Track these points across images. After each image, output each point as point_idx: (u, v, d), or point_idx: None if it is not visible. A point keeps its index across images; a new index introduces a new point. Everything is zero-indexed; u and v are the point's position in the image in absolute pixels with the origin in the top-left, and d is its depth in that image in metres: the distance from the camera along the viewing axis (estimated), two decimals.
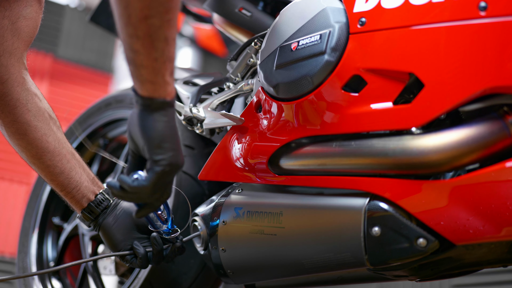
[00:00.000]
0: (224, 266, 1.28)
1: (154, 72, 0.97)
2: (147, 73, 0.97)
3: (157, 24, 0.93)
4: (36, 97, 1.25)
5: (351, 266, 1.09)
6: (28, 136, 1.23)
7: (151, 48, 0.95)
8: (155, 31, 0.93)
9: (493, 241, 0.98)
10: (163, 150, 1.00)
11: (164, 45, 0.95)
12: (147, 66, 0.96)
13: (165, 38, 0.95)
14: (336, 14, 1.10)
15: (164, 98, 1.00)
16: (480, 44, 0.94)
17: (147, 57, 0.95)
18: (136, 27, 0.93)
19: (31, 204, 1.90)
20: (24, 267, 1.80)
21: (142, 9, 0.91)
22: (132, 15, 0.92)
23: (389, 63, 1.03)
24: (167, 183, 1.05)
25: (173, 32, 0.96)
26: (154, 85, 0.99)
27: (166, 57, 0.96)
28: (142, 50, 0.95)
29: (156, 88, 0.99)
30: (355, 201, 1.07)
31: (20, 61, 1.22)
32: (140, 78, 0.98)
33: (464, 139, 0.96)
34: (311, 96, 1.11)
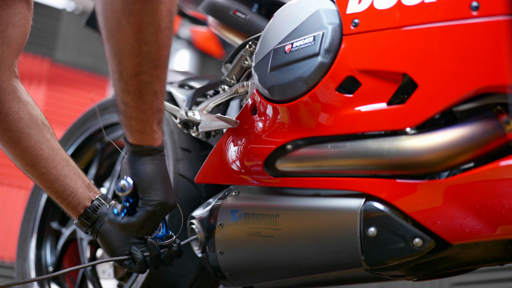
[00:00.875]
0: (222, 268, 1.28)
1: (142, 123, 1.03)
2: (136, 124, 1.03)
3: (147, 79, 0.99)
4: (28, 105, 1.26)
5: (348, 267, 1.09)
6: (22, 144, 1.24)
7: (141, 101, 1.00)
8: (145, 86, 0.99)
9: (489, 240, 0.99)
10: (154, 191, 1.07)
11: (153, 98, 1.01)
12: (136, 118, 1.02)
13: (154, 92, 1.00)
14: (329, 15, 1.10)
15: (151, 145, 1.06)
16: (473, 44, 0.94)
17: (137, 109, 1.01)
18: (127, 83, 0.99)
19: (29, 209, 1.90)
20: (23, 273, 1.80)
21: (134, 67, 0.97)
22: (124, 72, 0.98)
23: (383, 64, 1.03)
24: (157, 221, 1.10)
25: (162, 85, 1.02)
26: (142, 134, 1.05)
27: (154, 109, 1.02)
28: (132, 103, 1.01)
29: (144, 137, 1.05)
30: (351, 202, 1.07)
31: (10, 69, 1.22)
32: (129, 128, 1.04)
33: (459, 138, 0.96)
34: (306, 98, 1.12)
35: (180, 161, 1.49)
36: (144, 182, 1.06)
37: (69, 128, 1.89)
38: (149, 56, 0.96)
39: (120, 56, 0.97)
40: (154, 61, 0.97)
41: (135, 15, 0.93)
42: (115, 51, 0.97)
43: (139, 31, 0.94)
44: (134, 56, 0.96)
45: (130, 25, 0.93)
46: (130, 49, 0.95)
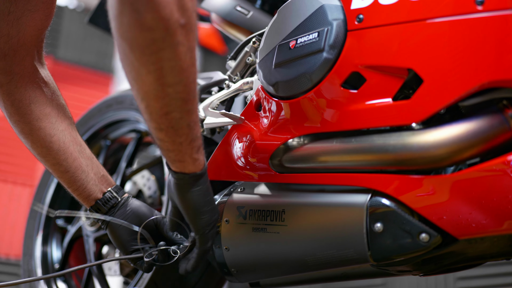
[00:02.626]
0: (228, 264, 1.29)
1: (181, 154, 1.05)
2: (175, 155, 1.06)
3: (177, 116, 0.99)
4: (43, 96, 1.24)
5: (354, 263, 1.10)
6: (33, 136, 1.23)
7: (175, 136, 1.02)
8: (177, 122, 1.00)
9: (496, 235, 0.98)
10: (201, 216, 1.13)
11: (187, 130, 1.02)
12: (174, 150, 1.05)
13: (187, 125, 1.01)
14: (334, 11, 1.10)
15: (194, 172, 1.09)
16: (478, 38, 0.94)
17: (172, 143, 1.03)
18: (158, 122, 1.00)
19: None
20: (29, 270, 1.81)
21: (162, 108, 0.97)
22: (153, 113, 0.98)
23: (388, 59, 1.03)
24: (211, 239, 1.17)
25: (194, 116, 1.02)
26: (183, 163, 1.08)
27: (190, 139, 1.04)
28: (166, 138, 1.02)
29: (185, 165, 1.08)
30: (357, 197, 1.07)
31: (26, 59, 1.20)
32: (169, 159, 1.08)
33: (465, 133, 0.96)
34: (311, 94, 1.12)
35: None
36: (191, 210, 1.13)
37: None
38: (175, 96, 0.96)
39: (146, 100, 0.97)
40: (182, 98, 0.97)
41: (154, 63, 0.91)
42: (141, 96, 0.97)
43: (161, 77, 0.93)
44: (160, 99, 0.96)
45: (150, 73, 0.92)
46: (155, 93, 0.95)
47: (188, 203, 1.12)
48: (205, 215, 1.14)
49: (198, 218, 1.14)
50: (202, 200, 1.13)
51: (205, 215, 1.14)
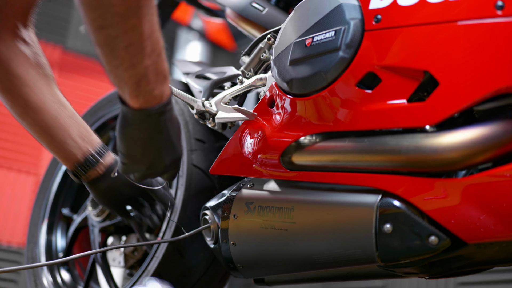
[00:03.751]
0: (234, 260, 1.29)
1: (117, 79, 0.96)
2: (112, 78, 0.97)
3: (113, 34, 0.90)
4: (23, 56, 1.22)
5: (361, 263, 1.09)
6: (11, 94, 1.21)
7: (111, 56, 0.93)
8: (112, 40, 0.91)
9: (505, 240, 0.98)
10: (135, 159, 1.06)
11: (124, 53, 0.92)
12: (110, 72, 0.96)
13: (125, 47, 0.92)
14: (352, 10, 1.10)
15: (132, 107, 0.99)
16: (496, 43, 0.94)
17: (109, 64, 0.95)
18: (94, 36, 0.92)
19: (41, 195, 1.91)
20: (33, 258, 1.81)
21: (95, 20, 0.89)
22: (88, 24, 0.91)
23: (404, 60, 1.03)
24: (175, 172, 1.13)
25: (139, 40, 0.92)
26: (121, 90, 0.98)
27: (128, 65, 0.94)
28: (103, 57, 0.94)
29: (124, 94, 0.98)
30: (367, 197, 1.07)
31: (10, 19, 1.19)
32: (111, 81, 0.98)
33: (479, 137, 0.95)
34: (325, 92, 1.11)
35: (194, 152, 1.49)
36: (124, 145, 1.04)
37: (82, 116, 1.90)
38: (110, 9, 0.87)
39: (82, 7, 0.89)
40: (119, 14, 0.88)
41: None
42: (78, 2, 0.89)
43: None
44: (94, 9, 0.88)
45: None
46: (89, 0, 0.87)
47: (122, 139, 1.04)
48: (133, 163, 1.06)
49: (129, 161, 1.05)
50: (136, 144, 1.04)
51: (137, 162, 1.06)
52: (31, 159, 4.11)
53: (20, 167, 4.12)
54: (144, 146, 1.03)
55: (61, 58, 4.45)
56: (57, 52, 4.46)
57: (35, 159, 4.12)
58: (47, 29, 4.27)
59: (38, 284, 1.75)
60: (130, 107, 0.99)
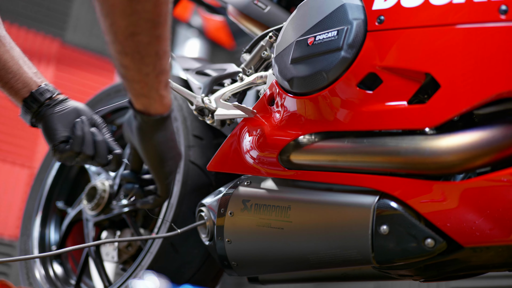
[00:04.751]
0: (229, 257, 1.28)
1: (147, 87, 0.96)
2: (140, 88, 0.96)
3: (145, 40, 0.90)
4: None
5: (357, 264, 1.09)
6: None
7: (141, 63, 0.93)
8: (144, 47, 0.91)
9: (501, 245, 0.98)
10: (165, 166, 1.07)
11: (155, 59, 0.93)
12: (139, 81, 0.95)
13: (155, 53, 0.93)
14: (355, 10, 1.10)
15: (161, 113, 1.00)
16: (499, 48, 0.94)
17: (138, 72, 0.94)
18: (123, 45, 0.91)
19: (36, 187, 1.90)
20: (26, 250, 1.80)
21: (128, 27, 0.89)
22: (118, 32, 0.90)
23: (406, 62, 1.02)
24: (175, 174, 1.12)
25: (164, 45, 0.93)
26: (149, 99, 0.98)
27: (158, 71, 0.95)
28: (132, 65, 0.93)
29: (151, 102, 0.98)
30: (365, 198, 1.07)
31: None
32: (133, 92, 0.98)
33: (478, 141, 0.95)
34: (325, 92, 1.11)
35: (191, 148, 1.49)
36: (155, 157, 1.05)
37: None
38: (144, 15, 0.87)
39: (111, 16, 0.88)
40: (152, 19, 0.88)
41: None
42: (106, 11, 0.89)
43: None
44: (127, 16, 0.87)
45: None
46: (122, 7, 0.86)
47: (152, 150, 1.04)
48: (168, 163, 1.06)
49: (161, 166, 1.06)
50: (166, 147, 1.05)
51: (169, 163, 1.06)
52: (26, 151, 4.09)
53: (14, 160, 4.09)
54: (169, 148, 1.06)
55: (59, 51, 4.43)
56: (55, 45, 4.44)
57: (29, 152, 4.10)
58: (46, 21, 4.25)
59: (30, 277, 1.74)
60: (157, 114, 1.00)
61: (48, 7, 4.29)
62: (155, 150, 1.04)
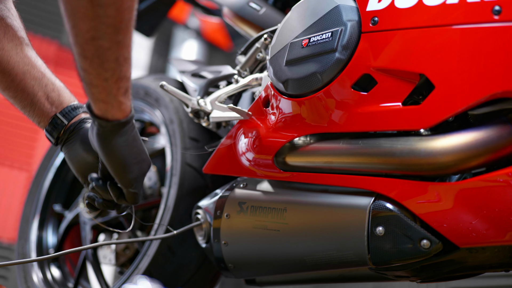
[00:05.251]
0: (226, 260, 1.28)
1: (105, 92, 0.95)
2: (98, 93, 0.95)
3: (105, 45, 0.90)
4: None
5: (353, 265, 1.09)
6: None
7: (101, 68, 0.92)
8: (104, 52, 0.90)
9: (497, 245, 0.99)
10: (127, 173, 1.04)
11: (115, 65, 0.92)
12: (98, 86, 0.94)
13: (115, 59, 0.92)
14: (349, 12, 1.10)
15: (118, 119, 0.99)
16: (492, 48, 0.94)
17: (97, 77, 0.93)
18: (83, 48, 0.90)
19: (33, 191, 1.90)
20: (24, 254, 1.80)
21: (88, 31, 0.88)
22: (79, 35, 0.89)
23: (400, 63, 1.02)
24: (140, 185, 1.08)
25: (125, 52, 0.93)
26: (106, 105, 0.97)
27: (117, 77, 0.94)
28: (91, 69, 0.92)
29: (109, 108, 0.97)
30: (360, 200, 1.07)
31: None
32: (92, 97, 0.97)
33: (472, 142, 0.95)
34: (320, 94, 1.11)
35: (188, 151, 1.49)
36: (116, 164, 1.02)
37: None
38: (105, 20, 0.86)
39: (73, 18, 0.87)
40: (113, 25, 0.87)
41: None
42: (68, 13, 0.87)
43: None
44: (89, 20, 0.86)
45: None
46: (84, 11, 0.85)
47: (112, 156, 1.02)
48: (132, 169, 1.04)
49: (123, 172, 1.03)
50: (128, 152, 1.02)
51: (133, 169, 1.04)
52: (24, 154, 4.09)
53: (12, 163, 4.09)
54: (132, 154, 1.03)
55: (56, 54, 4.43)
56: (52, 48, 4.44)
57: (27, 155, 4.10)
58: (43, 24, 4.25)
59: (28, 280, 1.74)
60: (115, 120, 0.99)
61: (45, 9, 4.29)
62: (115, 155, 1.01)
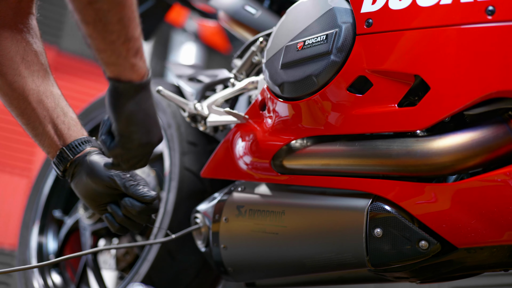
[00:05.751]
0: (225, 263, 1.28)
1: (114, 55, 0.93)
2: (107, 57, 0.94)
3: (104, 7, 0.88)
4: (18, 36, 1.18)
5: (352, 267, 1.09)
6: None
7: (105, 32, 0.91)
8: (105, 15, 0.89)
9: (495, 245, 0.98)
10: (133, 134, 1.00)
11: (119, 27, 0.91)
12: (105, 50, 0.93)
13: (118, 20, 0.90)
14: (343, 14, 1.10)
15: (130, 80, 0.96)
16: (487, 48, 0.94)
17: (103, 41, 0.92)
18: (83, 13, 0.89)
19: (33, 197, 1.90)
20: (24, 260, 1.80)
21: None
22: (76, 1, 0.89)
23: (395, 64, 1.02)
24: (141, 158, 1.04)
25: (128, 11, 0.91)
26: (118, 67, 0.95)
27: (124, 39, 0.92)
28: (95, 34, 0.91)
29: (120, 70, 0.95)
30: (358, 201, 1.07)
31: None
32: (102, 62, 0.95)
33: (469, 142, 0.95)
34: (316, 96, 1.11)
35: (186, 155, 1.49)
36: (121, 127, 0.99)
37: None
38: None
39: None
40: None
41: None
42: None
43: None
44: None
45: None
46: None
47: (121, 117, 0.98)
48: (139, 135, 1.00)
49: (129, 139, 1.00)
50: (139, 117, 0.99)
51: (140, 135, 1.00)
52: (24, 161, 4.09)
53: (12, 169, 4.10)
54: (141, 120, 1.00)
55: (55, 59, 4.43)
56: (51, 53, 4.44)
57: (27, 161, 4.10)
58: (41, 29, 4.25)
59: (29, 287, 1.74)
60: (129, 82, 0.96)
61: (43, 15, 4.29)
62: (124, 117, 0.98)
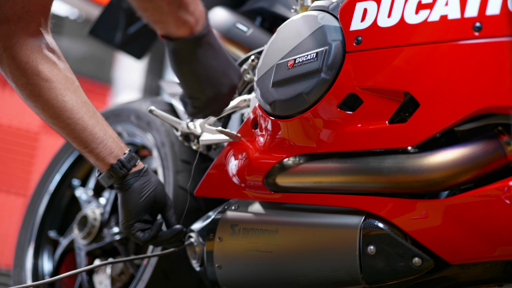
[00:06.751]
0: (220, 282, 1.28)
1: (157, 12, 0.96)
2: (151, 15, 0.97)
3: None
4: (49, 58, 1.22)
5: (346, 285, 1.09)
6: (43, 97, 1.20)
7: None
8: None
9: (488, 261, 0.98)
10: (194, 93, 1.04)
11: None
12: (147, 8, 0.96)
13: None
14: (333, 32, 1.11)
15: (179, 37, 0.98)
16: (475, 64, 0.94)
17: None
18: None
19: (28, 217, 1.89)
20: (20, 281, 1.79)
21: None
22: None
23: (385, 81, 1.03)
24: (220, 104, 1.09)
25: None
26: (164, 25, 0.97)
27: None
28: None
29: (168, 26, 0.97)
30: (351, 219, 1.07)
31: (31, 24, 1.19)
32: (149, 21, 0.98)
33: (459, 158, 0.96)
34: (307, 114, 1.12)
35: (180, 173, 1.49)
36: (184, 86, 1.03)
37: None
38: None
39: None
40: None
41: None
42: None
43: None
44: None
45: None
46: None
47: (180, 78, 1.03)
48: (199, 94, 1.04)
49: (197, 86, 1.03)
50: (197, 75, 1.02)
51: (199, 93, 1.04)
52: (20, 180, 4.09)
53: (9, 188, 4.09)
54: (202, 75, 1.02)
55: None
56: None
57: (24, 181, 4.09)
58: None
59: None
60: (179, 39, 0.98)
61: None
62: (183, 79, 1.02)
